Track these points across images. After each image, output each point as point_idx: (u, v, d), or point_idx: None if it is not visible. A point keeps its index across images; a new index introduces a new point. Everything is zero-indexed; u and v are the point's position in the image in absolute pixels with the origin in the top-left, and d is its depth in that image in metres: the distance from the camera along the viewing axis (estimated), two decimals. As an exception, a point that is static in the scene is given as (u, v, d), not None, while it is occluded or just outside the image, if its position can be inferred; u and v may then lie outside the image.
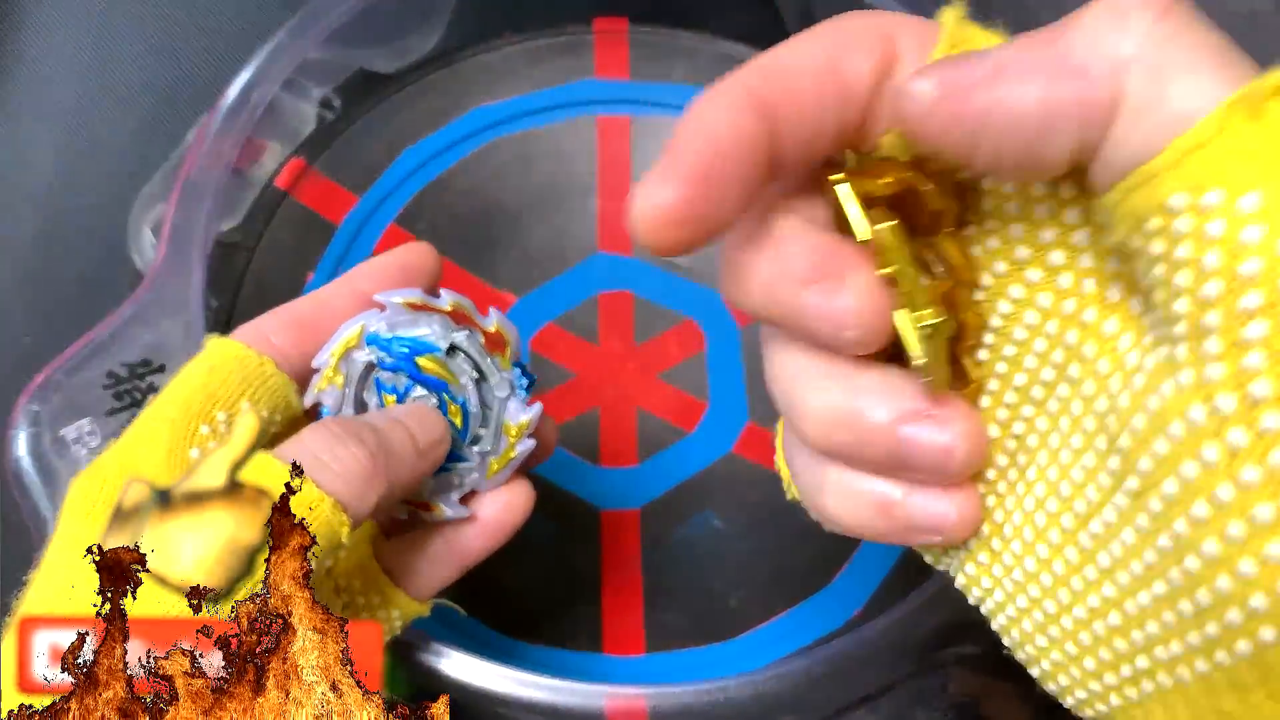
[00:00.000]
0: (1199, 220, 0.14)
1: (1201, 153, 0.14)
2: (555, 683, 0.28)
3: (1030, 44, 0.16)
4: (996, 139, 0.15)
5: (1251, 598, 0.14)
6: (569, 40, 0.43)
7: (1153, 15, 0.15)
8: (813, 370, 0.19)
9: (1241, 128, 0.14)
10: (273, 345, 0.26)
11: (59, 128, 0.44)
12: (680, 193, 0.16)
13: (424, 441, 0.25)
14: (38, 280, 0.42)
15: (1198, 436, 0.14)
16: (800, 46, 0.17)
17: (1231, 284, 0.14)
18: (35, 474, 0.30)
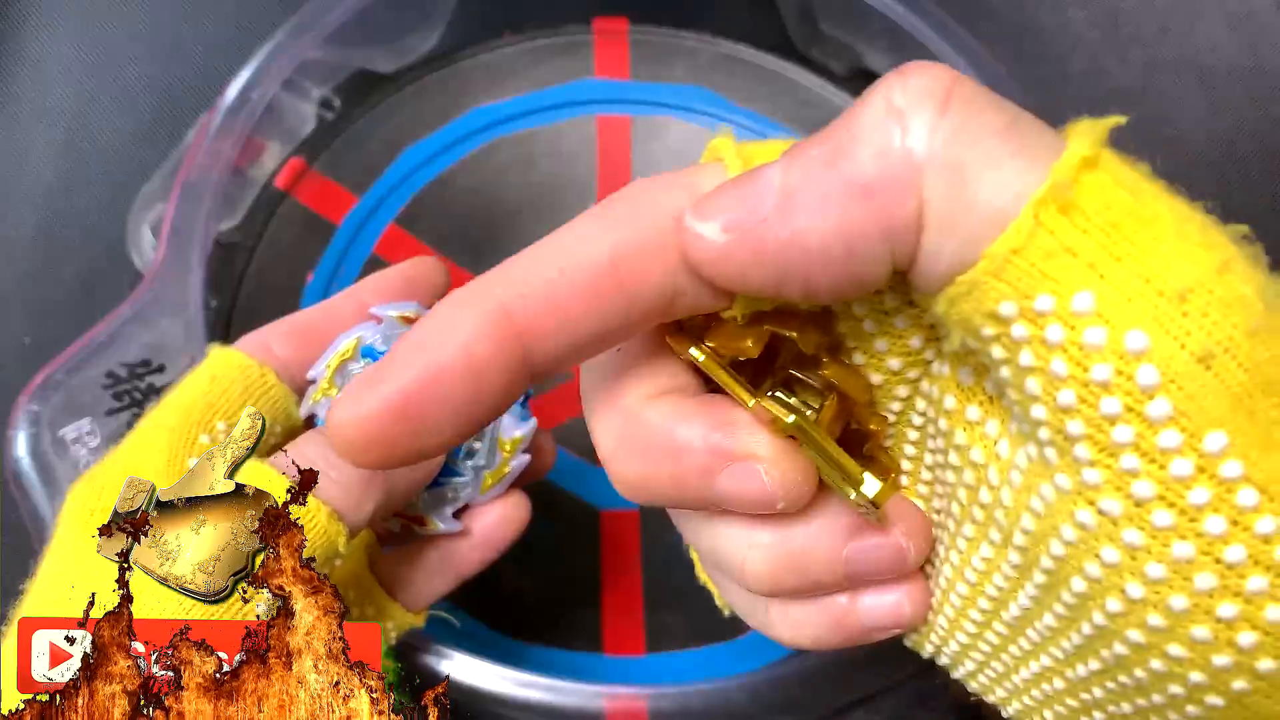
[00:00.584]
0: (1035, 328, 0.13)
1: (1021, 257, 0.13)
2: (555, 683, 0.29)
3: (815, 161, 0.14)
4: (804, 271, 0.14)
5: (1190, 674, 0.14)
6: (569, 40, 0.43)
7: (933, 111, 0.13)
8: (743, 535, 0.17)
9: (1056, 223, 0.13)
10: (274, 355, 0.26)
11: (59, 128, 0.44)
12: (379, 413, 0.14)
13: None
14: (37, 280, 0.42)
15: (1093, 539, 0.14)
16: (574, 250, 0.16)
17: (1086, 391, 0.13)
18: (35, 474, 0.30)
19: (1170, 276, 0.13)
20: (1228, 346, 0.13)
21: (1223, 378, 0.13)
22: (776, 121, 0.42)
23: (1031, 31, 0.48)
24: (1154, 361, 0.13)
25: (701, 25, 0.44)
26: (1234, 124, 0.46)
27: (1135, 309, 0.13)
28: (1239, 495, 0.13)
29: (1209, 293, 0.13)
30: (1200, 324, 0.13)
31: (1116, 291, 0.13)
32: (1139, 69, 0.47)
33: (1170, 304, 0.13)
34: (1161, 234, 0.13)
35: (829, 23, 0.42)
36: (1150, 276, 0.13)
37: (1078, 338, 0.13)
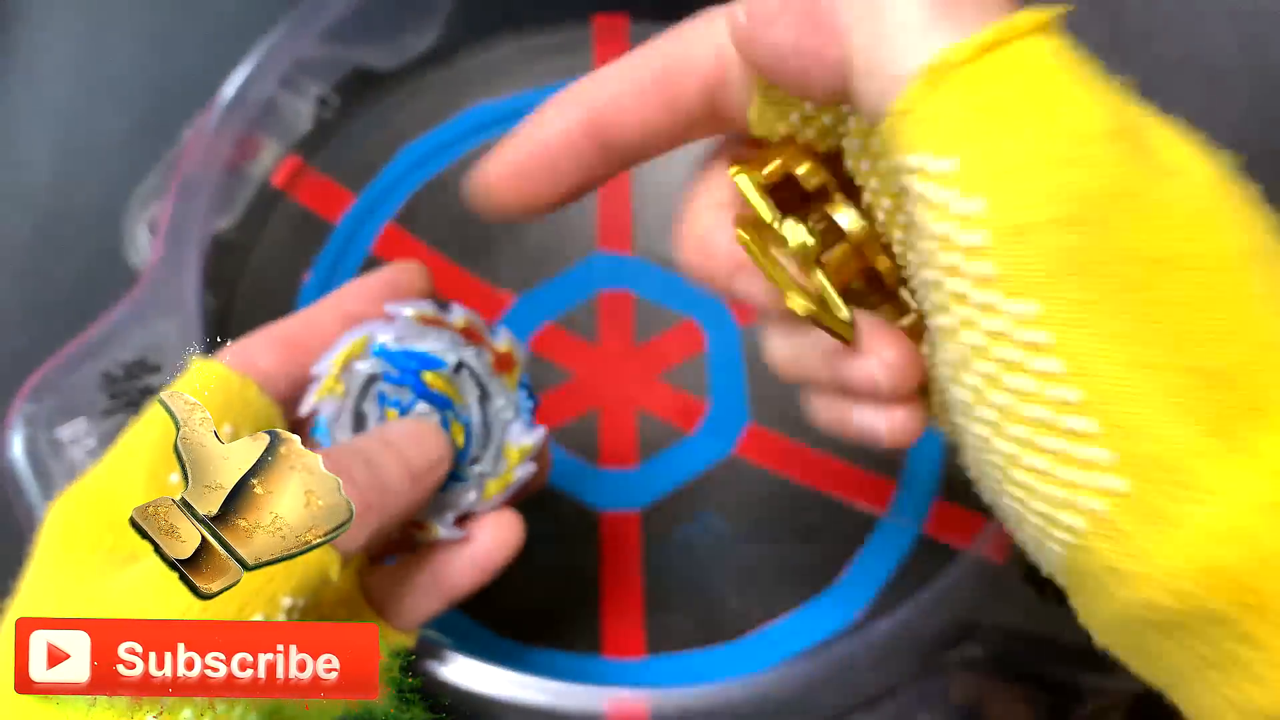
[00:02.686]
0: (917, 179, 0.15)
1: (911, 119, 0.15)
2: (555, 686, 0.28)
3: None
4: (791, 67, 0.17)
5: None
6: (568, 38, 0.43)
7: None
8: (764, 329, 0.22)
9: (946, 91, 0.15)
10: (258, 368, 0.25)
11: (54, 125, 0.44)
12: (510, 173, 0.20)
13: (419, 466, 0.24)
14: (32, 279, 0.41)
15: (964, 362, 0.16)
16: (636, 64, 0.20)
17: (936, 244, 0.15)
18: (30, 474, 0.30)
19: (1026, 151, 0.14)
20: (1058, 217, 0.14)
21: (1041, 248, 0.14)
22: (777, 120, 0.42)
23: (1033, 29, 0.48)
24: (984, 227, 0.15)
25: (701, 23, 0.44)
26: (1238, 122, 0.46)
27: (983, 176, 0.15)
28: (1039, 361, 0.14)
29: (1064, 164, 0.14)
30: (1034, 195, 0.14)
31: (976, 159, 0.15)
32: (1141, 67, 0.47)
33: (1014, 175, 0.14)
34: (1044, 112, 0.15)
35: (830, 20, 0.42)
36: (1011, 150, 0.14)
37: (939, 196, 0.15)
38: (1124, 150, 0.15)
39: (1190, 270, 0.15)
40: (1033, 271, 0.14)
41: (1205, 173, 0.16)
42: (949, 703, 0.29)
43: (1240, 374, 0.14)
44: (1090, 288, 0.14)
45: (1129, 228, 0.14)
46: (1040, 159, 0.14)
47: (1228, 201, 0.16)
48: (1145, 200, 0.15)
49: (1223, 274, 0.15)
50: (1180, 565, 0.14)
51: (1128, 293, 0.14)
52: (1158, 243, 0.15)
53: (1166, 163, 0.16)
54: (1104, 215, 0.14)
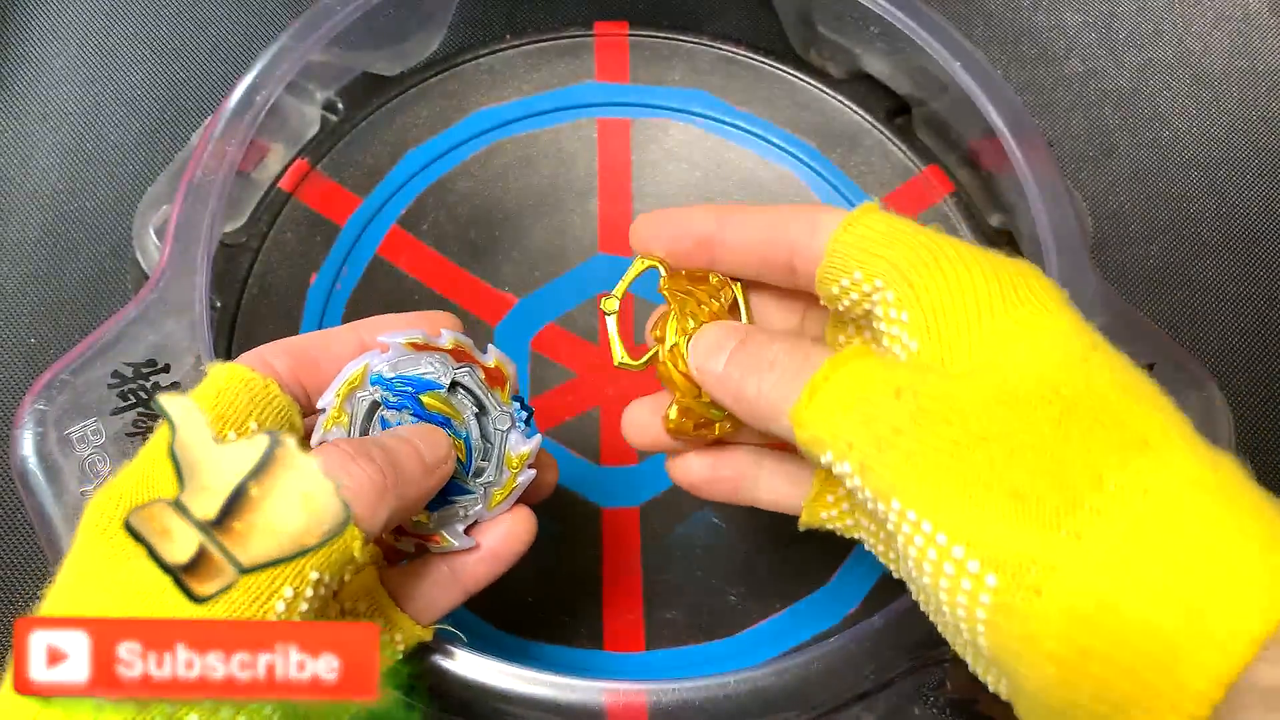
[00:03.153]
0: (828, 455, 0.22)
1: (803, 434, 0.23)
2: (556, 679, 0.29)
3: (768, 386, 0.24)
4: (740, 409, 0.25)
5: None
6: (570, 43, 0.44)
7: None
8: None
9: (813, 410, 0.22)
10: (274, 370, 0.26)
11: (64, 130, 0.45)
12: (650, 233, 0.27)
13: (431, 458, 0.25)
14: (43, 281, 0.42)
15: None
16: (756, 218, 0.26)
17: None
18: (41, 473, 0.30)
19: (856, 424, 0.21)
20: (881, 456, 0.21)
21: (880, 475, 0.21)
22: (775, 124, 0.43)
23: (1028, 34, 0.48)
24: (853, 473, 0.21)
25: (700, 29, 0.44)
26: (1228, 125, 0.47)
27: (842, 448, 0.22)
28: (917, 528, 0.20)
29: (869, 417, 0.21)
30: (864, 442, 0.21)
31: (836, 441, 0.22)
32: (1134, 71, 0.48)
33: (853, 440, 0.21)
34: (861, 395, 0.22)
35: (827, 26, 0.42)
36: (846, 429, 0.22)
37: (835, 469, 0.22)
38: (906, 403, 0.21)
39: (991, 440, 0.20)
40: (885, 483, 0.21)
41: (991, 377, 0.20)
42: (944, 696, 0.29)
43: (1050, 488, 0.19)
44: (923, 478, 0.20)
45: (937, 444, 0.20)
46: (863, 420, 0.21)
47: (1008, 381, 0.20)
48: (944, 413, 0.20)
49: (1019, 430, 0.20)
50: (1052, 631, 0.18)
51: (951, 468, 0.20)
52: (969, 428, 0.20)
53: (952, 373, 0.21)
54: (914, 443, 0.20)
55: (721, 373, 0.25)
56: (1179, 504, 0.19)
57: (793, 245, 0.25)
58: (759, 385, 0.24)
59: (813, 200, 0.41)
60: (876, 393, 0.21)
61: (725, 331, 0.25)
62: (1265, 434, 0.42)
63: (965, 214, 0.41)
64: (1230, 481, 0.19)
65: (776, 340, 0.24)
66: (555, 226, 0.41)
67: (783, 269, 0.25)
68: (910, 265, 0.22)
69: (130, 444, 0.31)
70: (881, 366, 0.22)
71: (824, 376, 0.22)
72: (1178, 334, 0.43)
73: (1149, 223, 0.45)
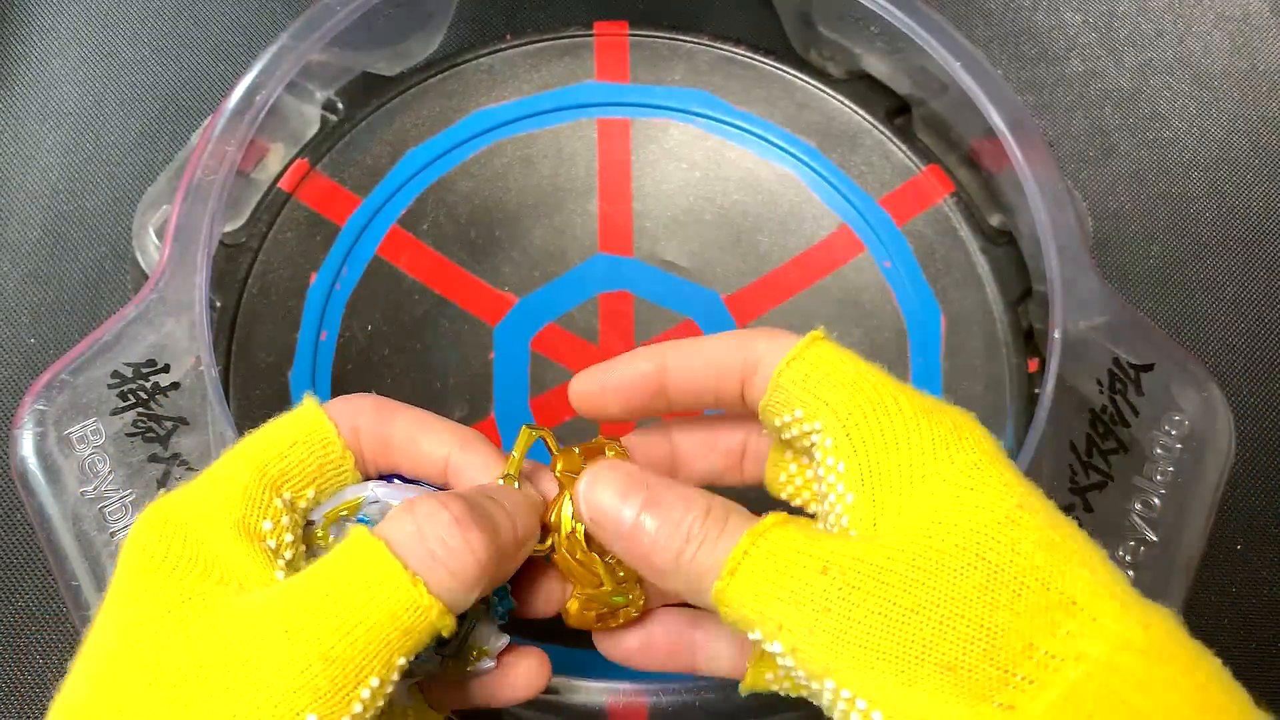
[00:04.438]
0: (760, 632, 0.21)
1: (729, 612, 0.21)
2: (558, 680, 0.29)
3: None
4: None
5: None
6: (570, 43, 0.44)
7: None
8: None
9: (738, 588, 0.21)
10: (357, 431, 0.25)
11: (64, 130, 0.45)
12: (594, 390, 0.26)
13: (523, 532, 0.24)
14: (43, 281, 0.42)
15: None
16: (706, 350, 0.25)
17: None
18: (40, 473, 0.30)
19: (775, 606, 0.21)
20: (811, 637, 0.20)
21: (810, 657, 0.20)
22: (775, 124, 0.43)
23: (1028, 34, 0.48)
24: (777, 639, 0.21)
25: (701, 28, 0.44)
26: (1228, 125, 0.47)
27: (772, 631, 0.21)
28: (852, 703, 0.20)
29: (793, 598, 0.20)
30: (795, 625, 0.20)
31: (763, 623, 0.21)
32: (1134, 71, 0.48)
33: (774, 622, 0.21)
34: (780, 578, 0.21)
35: (827, 26, 0.42)
36: (770, 610, 0.21)
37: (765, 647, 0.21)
38: (834, 579, 0.20)
39: (919, 613, 0.19)
40: (817, 664, 0.20)
41: (919, 544, 0.20)
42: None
43: (980, 658, 0.19)
44: (855, 656, 0.20)
45: (867, 620, 0.20)
46: (790, 600, 0.20)
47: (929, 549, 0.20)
48: (872, 588, 0.20)
49: (947, 600, 0.19)
50: None
51: (881, 645, 0.19)
52: (898, 601, 0.20)
53: (881, 538, 0.21)
54: (843, 621, 0.20)
55: (628, 530, 0.22)
56: (1109, 669, 0.18)
57: (741, 376, 0.24)
58: (675, 556, 0.22)
59: (813, 200, 0.41)
60: (802, 569, 0.20)
61: (626, 479, 0.23)
62: (1265, 434, 0.42)
63: (965, 214, 0.41)
64: (1162, 639, 0.19)
65: (685, 500, 0.22)
66: (555, 226, 0.41)
67: (734, 399, 0.25)
68: (849, 414, 0.22)
69: (130, 444, 0.31)
70: (804, 538, 0.21)
71: (743, 550, 0.21)
72: (1178, 334, 0.43)
73: (1149, 223, 0.45)
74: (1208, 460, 0.32)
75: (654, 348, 0.25)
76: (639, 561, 0.23)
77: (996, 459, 0.21)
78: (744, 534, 0.21)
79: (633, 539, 0.22)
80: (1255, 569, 0.40)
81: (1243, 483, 0.41)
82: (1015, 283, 0.40)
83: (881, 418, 0.22)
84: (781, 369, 0.23)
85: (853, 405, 0.22)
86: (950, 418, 0.22)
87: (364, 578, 0.20)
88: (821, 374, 0.23)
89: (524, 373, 0.38)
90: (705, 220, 0.41)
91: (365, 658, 0.20)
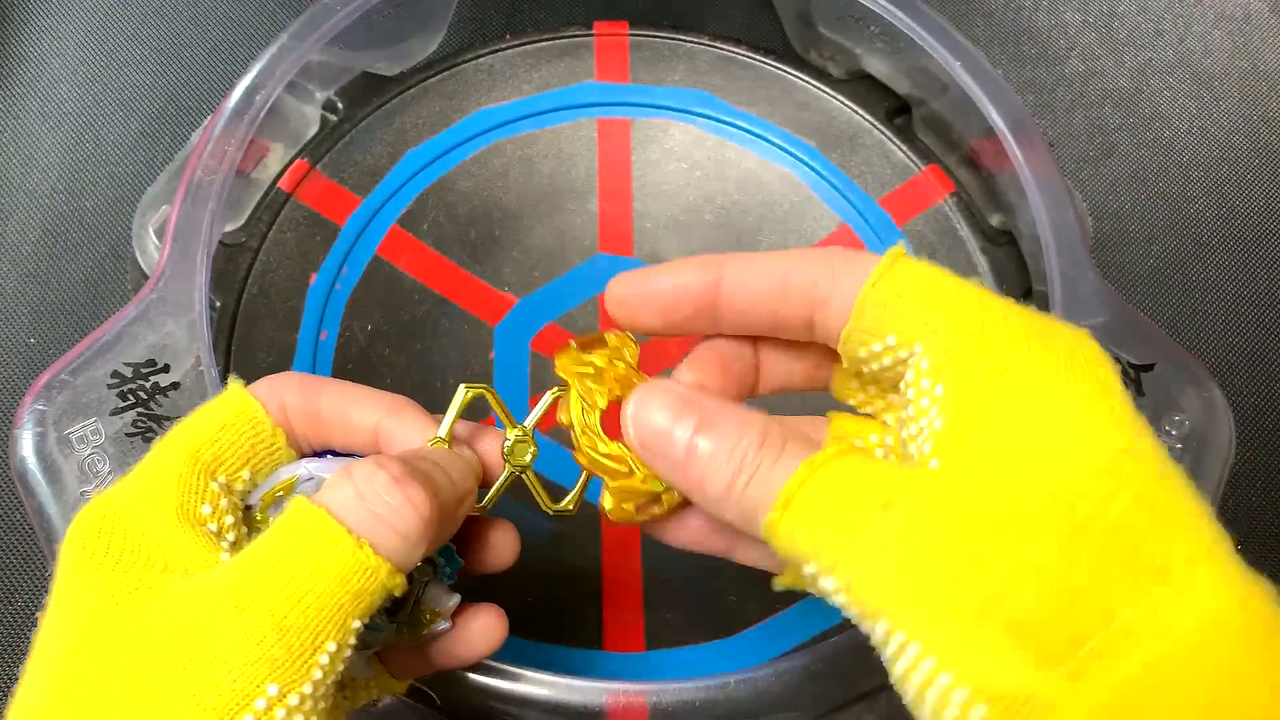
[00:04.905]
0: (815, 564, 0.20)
1: (779, 534, 0.20)
2: (556, 679, 0.29)
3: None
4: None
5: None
6: (570, 43, 0.44)
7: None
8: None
9: (796, 518, 0.20)
10: (285, 410, 0.24)
11: (64, 129, 0.45)
12: (636, 296, 0.23)
13: (462, 488, 0.23)
14: (42, 281, 0.42)
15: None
16: (770, 264, 0.22)
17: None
18: (40, 473, 0.30)
19: (847, 537, 0.19)
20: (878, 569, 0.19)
21: (868, 592, 0.19)
22: (775, 124, 0.43)
23: (1028, 34, 0.48)
24: (831, 576, 0.19)
25: (701, 28, 0.44)
26: (1228, 125, 0.47)
27: (828, 563, 0.19)
28: (902, 652, 0.18)
29: (864, 530, 0.19)
30: (853, 559, 0.19)
31: (822, 555, 0.19)
32: (1134, 71, 0.48)
33: (845, 549, 0.19)
34: (844, 514, 0.19)
35: (827, 26, 0.42)
36: (839, 540, 0.19)
37: (807, 571, 0.20)
38: (896, 518, 0.19)
39: (988, 564, 0.18)
40: (870, 605, 0.19)
41: (1000, 485, 0.18)
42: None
43: (1052, 620, 0.17)
44: (912, 601, 0.18)
45: (928, 566, 0.18)
46: (846, 535, 0.19)
47: (1025, 504, 0.18)
48: (938, 532, 0.18)
49: (1022, 552, 0.18)
50: None
51: (943, 593, 0.18)
52: (965, 550, 0.18)
53: (959, 474, 0.19)
54: (902, 563, 0.18)
55: (681, 459, 0.21)
56: (1194, 649, 0.17)
57: (812, 300, 0.21)
58: (728, 486, 0.21)
59: (813, 200, 0.41)
60: (862, 503, 0.19)
61: (675, 402, 0.22)
62: (1266, 434, 0.42)
63: (965, 214, 0.41)
64: (1259, 621, 0.17)
65: (741, 424, 0.21)
66: (555, 226, 0.41)
67: (799, 326, 0.22)
68: (952, 333, 0.20)
69: (130, 444, 0.31)
70: (868, 470, 0.20)
71: (799, 482, 0.20)
72: (1178, 334, 0.43)
73: (1149, 222, 0.45)
74: (1208, 460, 0.32)
75: (712, 257, 0.23)
76: (692, 489, 0.21)
77: (1110, 390, 0.19)
78: (801, 464, 0.20)
79: (685, 465, 0.21)
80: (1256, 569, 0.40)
81: (1243, 483, 0.41)
82: (1015, 283, 0.40)
83: (989, 339, 0.19)
84: (868, 291, 0.21)
85: (957, 324, 0.20)
86: (1065, 341, 0.20)
87: (309, 545, 0.20)
88: (916, 292, 0.20)
89: (524, 373, 0.38)
90: (705, 220, 0.41)
91: (319, 624, 0.20)
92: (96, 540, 0.21)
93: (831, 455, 0.20)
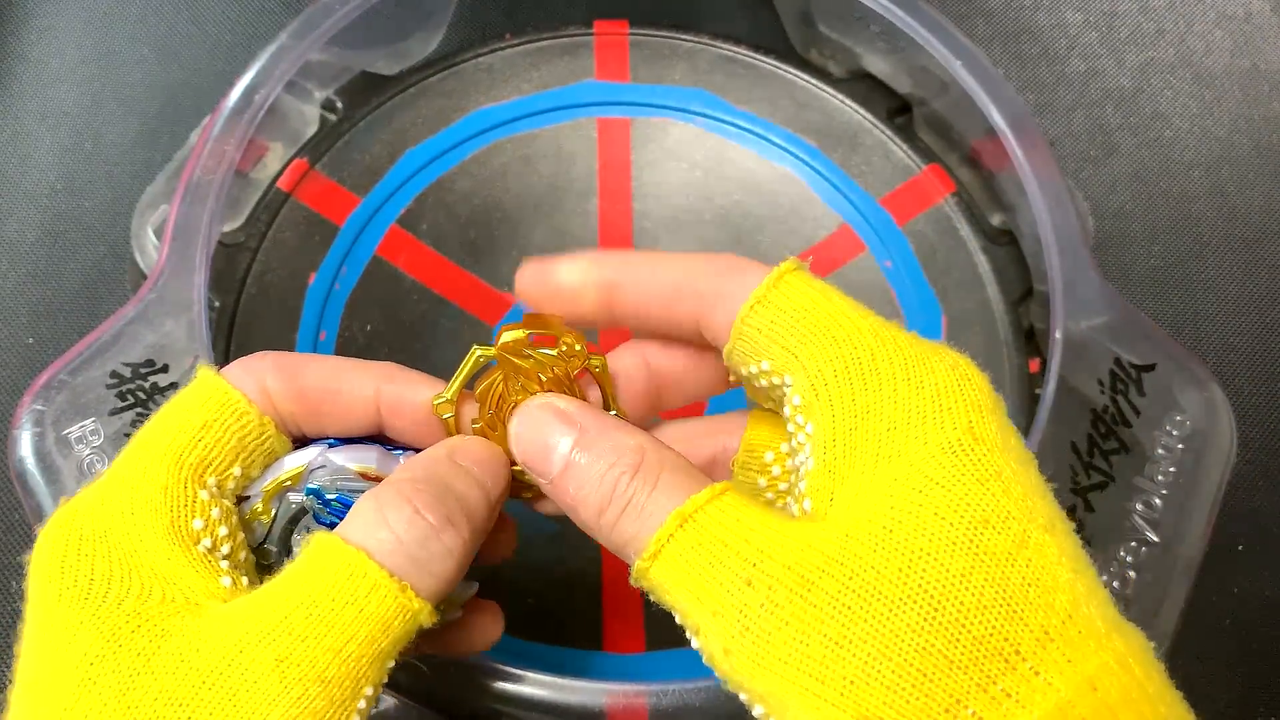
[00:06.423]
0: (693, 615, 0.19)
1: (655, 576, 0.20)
2: (557, 680, 0.29)
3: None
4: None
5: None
6: (570, 42, 0.43)
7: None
8: None
9: (666, 567, 0.19)
10: (268, 394, 0.23)
11: (63, 129, 0.45)
12: (536, 286, 0.23)
13: (495, 495, 0.23)
14: (41, 281, 0.42)
15: None
16: (665, 265, 0.22)
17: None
18: (39, 474, 0.30)
19: (709, 599, 0.19)
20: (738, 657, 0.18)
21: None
22: (775, 123, 0.42)
23: (1029, 33, 0.48)
24: (697, 638, 0.19)
25: (701, 28, 0.44)
26: (1230, 125, 0.47)
27: (696, 620, 0.19)
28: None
29: (732, 602, 0.18)
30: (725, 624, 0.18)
31: (690, 609, 0.19)
32: (1135, 70, 0.48)
33: (709, 614, 0.19)
34: (713, 570, 0.19)
35: (827, 25, 0.42)
36: (701, 600, 0.19)
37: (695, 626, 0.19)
38: (758, 593, 0.18)
39: (844, 646, 0.17)
40: (733, 681, 0.19)
41: (864, 549, 0.18)
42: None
43: (903, 710, 0.17)
44: (774, 684, 0.18)
45: (788, 646, 0.18)
46: (712, 606, 0.18)
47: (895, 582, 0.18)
48: (799, 609, 0.18)
49: (880, 634, 0.17)
50: None
51: (802, 674, 0.17)
52: (825, 629, 0.17)
53: (827, 541, 0.18)
54: (762, 644, 0.18)
55: (555, 482, 0.21)
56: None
57: (699, 310, 0.21)
58: (599, 513, 0.20)
59: (813, 199, 0.41)
60: (726, 573, 0.18)
61: (554, 420, 0.21)
62: (1267, 434, 0.42)
63: (966, 214, 0.41)
64: (1114, 694, 0.17)
65: (616, 449, 0.20)
66: (555, 226, 0.41)
67: (694, 333, 0.22)
68: (819, 369, 0.19)
69: (128, 444, 0.31)
70: (736, 528, 0.19)
71: (667, 534, 0.19)
72: (1179, 334, 0.43)
73: (1150, 222, 0.45)
74: (1209, 460, 0.32)
75: (614, 255, 0.22)
76: (568, 510, 0.21)
77: (980, 437, 0.18)
78: (670, 515, 0.19)
79: (560, 485, 0.21)
80: (1257, 569, 0.40)
81: (1244, 483, 0.41)
82: (1016, 282, 0.40)
83: (854, 378, 0.19)
84: (745, 313, 0.20)
85: (824, 359, 0.19)
86: (937, 378, 0.19)
87: (350, 592, 0.19)
88: (792, 319, 0.20)
89: (524, 373, 0.38)
90: (705, 220, 0.41)
91: (360, 671, 0.19)
92: (77, 563, 0.20)
93: (703, 501, 0.19)
